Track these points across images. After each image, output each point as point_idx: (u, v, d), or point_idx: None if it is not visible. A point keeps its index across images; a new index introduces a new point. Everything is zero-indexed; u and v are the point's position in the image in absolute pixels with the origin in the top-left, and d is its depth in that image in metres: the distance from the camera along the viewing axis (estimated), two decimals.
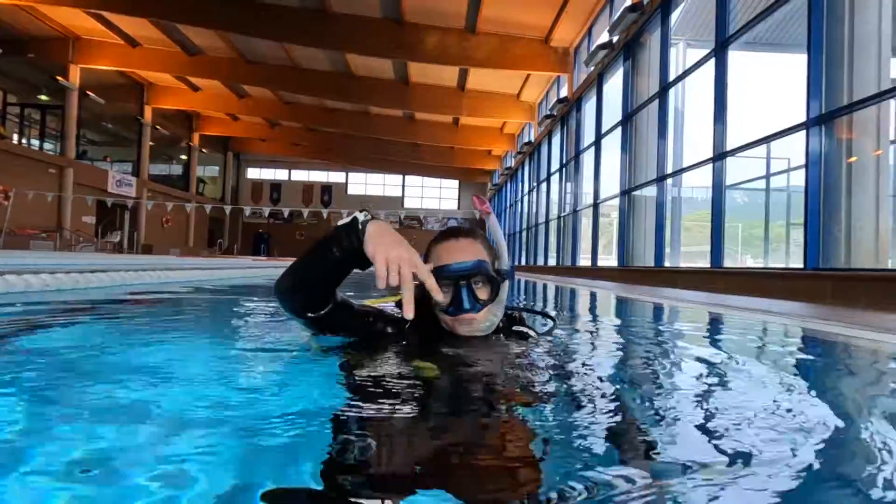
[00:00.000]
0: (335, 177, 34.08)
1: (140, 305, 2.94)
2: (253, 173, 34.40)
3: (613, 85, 11.77)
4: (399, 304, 1.29)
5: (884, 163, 5.13)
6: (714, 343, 2.27)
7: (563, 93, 15.23)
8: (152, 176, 23.99)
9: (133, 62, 18.82)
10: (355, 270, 1.09)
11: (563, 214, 15.45)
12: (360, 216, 1.06)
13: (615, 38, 10.86)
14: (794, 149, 6.72)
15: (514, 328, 1.25)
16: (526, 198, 21.34)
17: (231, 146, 31.34)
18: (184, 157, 27.54)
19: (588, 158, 13.28)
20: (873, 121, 5.01)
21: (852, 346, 1.99)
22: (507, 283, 1.19)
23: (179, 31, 16.52)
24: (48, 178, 17.57)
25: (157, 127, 23.83)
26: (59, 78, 17.70)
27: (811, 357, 1.97)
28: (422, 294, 1.25)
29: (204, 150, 28.56)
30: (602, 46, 11.27)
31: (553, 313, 1.61)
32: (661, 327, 2.90)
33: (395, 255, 0.98)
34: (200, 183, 29.41)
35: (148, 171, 23.33)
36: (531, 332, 1.26)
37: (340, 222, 1.06)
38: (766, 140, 6.23)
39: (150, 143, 23.42)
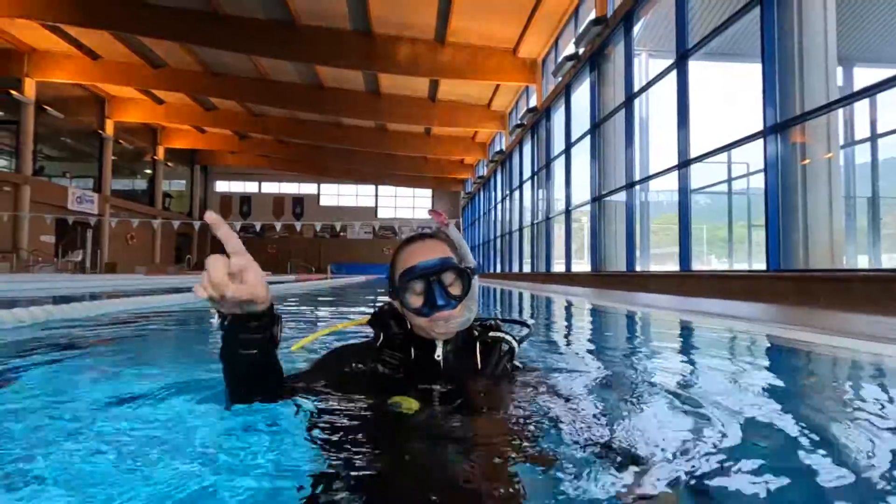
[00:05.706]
0: (307, 188, 33.70)
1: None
2: (222, 186, 33.68)
3: (581, 95, 12.09)
4: (372, 325, 1.24)
5: (835, 166, 5.44)
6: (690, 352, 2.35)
7: (533, 102, 15.54)
8: (115, 191, 23.19)
9: (93, 75, 18.24)
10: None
11: (536, 221, 15.69)
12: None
13: (581, 50, 11.18)
14: (752, 153, 7.04)
15: (491, 334, 1.24)
16: (499, 206, 21.56)
17: (198, 159, 30.63)
18: (148, 171, 26.75)
19: (559, 166, 13.55)
20: (824, 127, 5.32)
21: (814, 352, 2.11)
22: (476, 277, 1.18)
23: (142, 43, 16.12)
24: (3, 197, 16.79)
25: (120, 141, 23.10)
26: (12, 92, 16.99)
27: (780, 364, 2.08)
28: (392, 314, 1.23)
29: (169, 163, 27.80)
30: (568, 58, 11.58)
31: (529, 322, 1.62)
32: (638, 341, 2.98)
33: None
34: (166, 198, 28.59)
35: (110, 186, 22.56)
36: (507, 337, 1.25)
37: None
38: (728, 148, 6.51)
39: (113, 157, 22.68)
